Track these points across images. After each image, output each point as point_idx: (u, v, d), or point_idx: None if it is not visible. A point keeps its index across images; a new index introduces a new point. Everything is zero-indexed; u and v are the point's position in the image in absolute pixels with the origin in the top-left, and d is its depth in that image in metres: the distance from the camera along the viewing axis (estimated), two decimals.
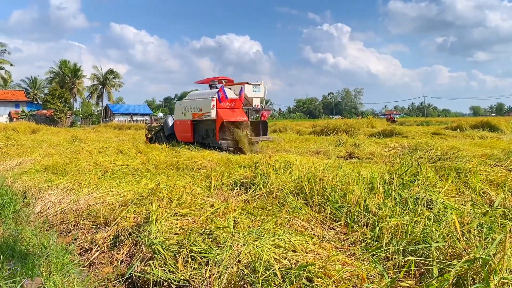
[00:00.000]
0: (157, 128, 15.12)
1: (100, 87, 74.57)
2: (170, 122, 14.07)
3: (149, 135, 15.29)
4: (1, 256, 3.21)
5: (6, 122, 46.95)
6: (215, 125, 11.68)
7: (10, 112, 63.49)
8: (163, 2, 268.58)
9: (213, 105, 11.59)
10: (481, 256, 2.47)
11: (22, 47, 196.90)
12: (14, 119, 56.88)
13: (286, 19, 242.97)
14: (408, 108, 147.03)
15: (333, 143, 12.90)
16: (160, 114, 17.22)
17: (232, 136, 11.59)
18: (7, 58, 65.50)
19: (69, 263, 3.38)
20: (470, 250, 2.77)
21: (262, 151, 11.40)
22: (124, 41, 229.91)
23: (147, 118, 75.38)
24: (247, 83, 12.35)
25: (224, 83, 12.78)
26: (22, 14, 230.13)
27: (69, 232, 4.45)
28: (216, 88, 12.53)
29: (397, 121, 37.28)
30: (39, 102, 69.47)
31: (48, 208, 5.21)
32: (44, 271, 3.13)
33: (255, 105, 12.55)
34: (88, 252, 3.88)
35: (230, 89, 12.39)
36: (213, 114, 11.64)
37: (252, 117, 12.86)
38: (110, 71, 74.06)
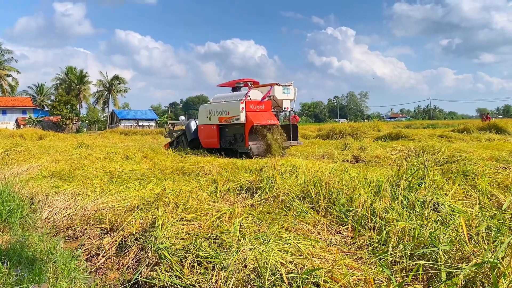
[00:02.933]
0: (178, 133, 14.29)
1: (106, 93, 75.07)
2: (193, 126, 13.25)
3: (170, 140, 14.52)
4: (9, 262, 3.23)
5: (13, 128, 47.30)
6: (244, 129, 11.04)
7: (17, 118, 64.04)
8: (167, 8, 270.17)
9: (242, 108, 10.93)
10: (489, 259, 2.45)
11: (28, 54, 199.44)
12: (21, 126, 57.34)
13: (291, 23, 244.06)
14: (414, 111, 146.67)
15: (339, 147, 12.86)
16: (182, 118, 16.32)
17: (263, 141, 11.00)
18: (14, 65, 66.22)
19: (75, 269, 3.39)
20: (478, 253, 2.74)
21: (268, 155, 11.37)
22: (129, 47, 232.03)
23: (152, 123, 75.74)
24: (277, 84, 11.77)
25: (250, 85, 12.08)
26: (28, 21, 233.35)
27: (75, 238, 4.47)
28: (241, 90, 12.11)
29: (492, 119, 32.60)
30: (46, 109, 70.03)
31: (55, 214, 5.23)
32: (51, 277, 3.14)
33: (285, 108, 11.94)
34: (95, 257, 3.89)
35: (258, 90, 11.88)
36: (242, 117, 10.95)
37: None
38: (116, 77, 74.58)
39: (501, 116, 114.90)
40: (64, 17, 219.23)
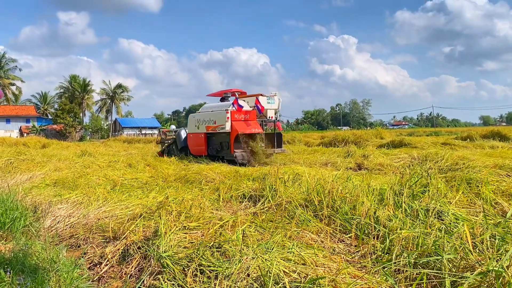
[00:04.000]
0: (169, 141, 14.91)
1: (109, 101, 75.37)
2: (183, 135, 13.94)
3: (161, 149, 15.08)
4: (12, 270, 3.23)
5: (17, 137, 47.50)
6: (229, 137, 11.59)
7: (21, 127, 64.30)
8: (170, 17, 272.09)
9: (228, 117, 11.51)
10: (494, 268, 2.43)
11: (32, 62, 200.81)
12: (25, 134, 57.53)
13: (293, 32, 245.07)
14: (417, 118, 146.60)
15: (341, 155, 12.83)
16: (173, 127, 16.98)
17: (247, 149, 11.53)
18: (18, 74, 66.67)
19: (78, 278, 3.38)
20: (483, 262, 2.72)
21: (271, 163, 11.37)
22: (132, 55, 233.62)
23: (155, 131, 75.90)
24: (261, 95, 12.28)
25: (237, 95, 12.72)
26: (32, 30, 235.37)
27: (78, 246, 4.46)
28: (229, 100, 12.55)
29: None
30: (49, 117, 70.30)
31: (58, 222, 5.23)
32: (54, 285, 3.13)
33: (269, 117, 12.44)
34: (98, 266, 3.88)
35: (244, 101, 12.34)
36: (227, 127, 11.55)
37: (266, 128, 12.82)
38: (119, 86, 74.97)
39: (504, 124, 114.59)
40: (68, 26, 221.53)
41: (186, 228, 4.05)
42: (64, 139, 46.01)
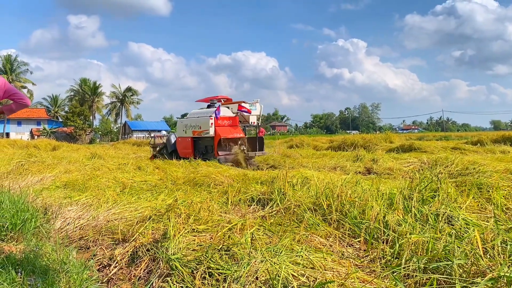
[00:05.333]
0: (160, 145, 15.83)
1: (118, 104, 75.87)
2: (173, 139, 14.88)
3: (153, 152, 15.99)
4: (23, 271, 3.26)
5: (28, 139, 48.01)
6: (213, 141, 12.55)
7: (31, 129, 65.01)
8: (179, 21, 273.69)
9: (212, 123, 12.50)
10: (505, 274, 2.41)
11: (43, 65, 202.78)
12: (36, 137, 58.15)
13: (302, 35, 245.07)
14: (427, 123, 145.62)
15: (350, 159, 12.78)
16: (163, 132, 18.23)
17: (230, 152, 12.37)
18: (29, 77, 67.37)
19: (88, 279, 3.41)
20: (494, 267, 2.69)
21: (279, 166, 11.37)
22: (142, 59, 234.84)
23: (153, 134, 76.25)
24: (244, 102, 13.24)
25: (222, 102, 13.84)
26: (43, 33, 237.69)
27: (88, 248, 4.49)
28: (215, 107, 13.38)
29: None
30: (60, 120, 71.01)
31: (68, 224, 5.28)
32: (64, 286, 3.16)
33: (251, 122, 13.50)
34: (107, 268, 3.90)
35: (228, 107, 13.32)
36: (211, 132, 12.53)
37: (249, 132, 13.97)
38: (129, 89, 75.51)
39: None
40: (78, 30, 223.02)
41: (195, 230, 4.05)
42: (74, 141, 46.45)
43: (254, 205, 5.50)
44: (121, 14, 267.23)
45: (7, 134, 60.91)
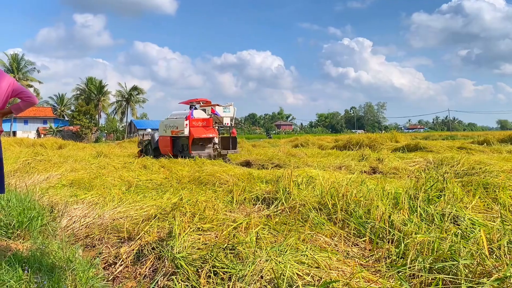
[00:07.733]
0: (146, 142, 17.13)
1: (124, 103, 76.09)
2: (156, 137, 16.29)
3: (140, 148, 17.31)
4: (29, 269, 3.28)
5: (34, 138, 48.28)
6: (188, 140, 14.03)
7: (38, 128, 65.38)
8: (185, 20, 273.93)
9: (186, 124, 14.04)
10: (511, 274, 2.39)
11: (49, 64, 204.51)
12: (42, 135, 58.49)
13: (307, 34, 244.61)
14: (433, 122, 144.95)
15: (356, 158, 12.75)
16: (148, 130, 19.15)
17: (203, 149, 14.29)
18: (36, 76, 67.74)
19: (93, 277, 3.42)
20: (500, 268, 2.68)
21: (284, 166, 11.37)
22: (147, 58, 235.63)
23: (141, 132, 76.39)
24: (218, 105, 14.93)
25: (201, 104, 15.45)
26: (49, 32, 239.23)
27: (93, 246, 4.52)
28: (196, 108, 15.05)
29: None
30: (66, 118, 71.37)
31: (74, 222, 5.30)
32: (70, 284, 3.18)
33: (225, 123, 14.87)
34: (112, 266, 3.92)
35: (204, 110, 14.90)
36: (186, 132, 14.04)
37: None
38: (134, 88, 75.67)
39: None
40: (84, 28, 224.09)
41: (200, 229, 4.06)
42: (80, 140, 46.66)
43: (259, 204, 5.50)
44: (127, 13, 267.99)
45: (14, 133, 61.28)
